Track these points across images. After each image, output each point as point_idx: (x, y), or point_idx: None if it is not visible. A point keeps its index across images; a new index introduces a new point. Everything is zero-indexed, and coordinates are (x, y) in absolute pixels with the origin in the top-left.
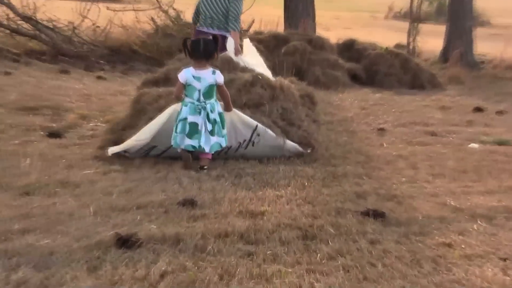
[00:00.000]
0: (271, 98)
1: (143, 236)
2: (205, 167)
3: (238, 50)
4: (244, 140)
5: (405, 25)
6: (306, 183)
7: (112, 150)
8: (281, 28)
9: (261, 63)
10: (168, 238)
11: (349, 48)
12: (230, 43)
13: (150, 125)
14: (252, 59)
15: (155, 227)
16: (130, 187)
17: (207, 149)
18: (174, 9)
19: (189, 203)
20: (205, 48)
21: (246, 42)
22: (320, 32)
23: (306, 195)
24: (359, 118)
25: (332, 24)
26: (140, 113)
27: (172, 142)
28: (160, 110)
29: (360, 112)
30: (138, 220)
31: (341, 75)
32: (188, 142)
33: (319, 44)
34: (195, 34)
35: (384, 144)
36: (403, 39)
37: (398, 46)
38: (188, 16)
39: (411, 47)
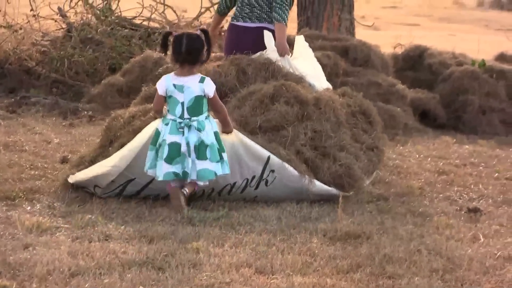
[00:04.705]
0: (299, 117)
1: None
2: (186, 189)
3: (284, 47)
4: (253, 177)
5: None
6: None
7: (76, 177)
8: (292, 28)
9: (320, 74)
10: None
11: (416, 63)
12: (269, 39)
13: (123, 149)
14: (306, 65)
15: None
16: None
17: (193, 175)
18: None
19: None
20: (188, 47)
21: (299, 41)
22: (363, 33)
23: None
24: (435, 191)
25: (385, 17)
26: (113, 143)
27: (151, 172)
28: (134, 132)
29: (437, 180)
30: None
31: (401, 112)
32: (167, 169)
33: (362, 57)
34: (228, 31)
35: (480, 237)
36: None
37: (503, 58)
38: (127, 5)
39: None
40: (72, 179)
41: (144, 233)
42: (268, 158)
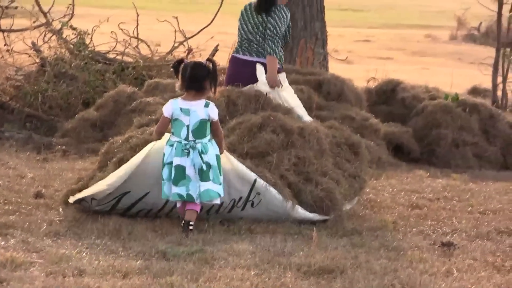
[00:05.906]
0: (284, 145)
1: None
2: (191, 223)
3: (275, 80)
4: (240, 198)
5: (489, 52)
6: None
7: (76, 197)
8: None
9: (303, 108)
10: None
11: (389, 97)
12: (260, 71)
13: (122, 167)
14: (292, 98)
15: None
16: None
17: (195, 197)
18: (73, 29)
19: None
20: (191, 75)
21: (282, 78)
22: (336, 67)
23: None
24: (409, 225)
25: (358, 51)
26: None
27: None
28: (131, 148)
29: (410, 214)
30: None
31: (375, 146)
32: (174, 190)
33: (335, 91)
34: (229, 63)
35: (454, 271)
36: (484, 79)
37: (476, 91)
38: (100, 39)
39: (500, 94)
40: (72, 200)
41: (118, 268)
42: (255, 181)
